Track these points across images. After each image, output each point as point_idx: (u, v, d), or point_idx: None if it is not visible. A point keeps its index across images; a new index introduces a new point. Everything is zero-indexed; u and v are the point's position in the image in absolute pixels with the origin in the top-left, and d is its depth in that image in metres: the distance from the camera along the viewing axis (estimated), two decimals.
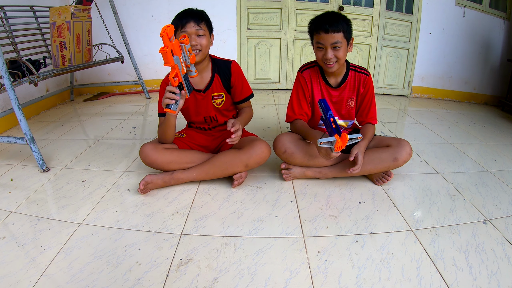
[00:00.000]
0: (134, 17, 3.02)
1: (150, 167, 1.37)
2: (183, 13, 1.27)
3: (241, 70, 1.44)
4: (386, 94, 3.33)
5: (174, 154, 1.34)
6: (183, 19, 1.25)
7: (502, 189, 1.44)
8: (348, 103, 1.45)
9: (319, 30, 1.28)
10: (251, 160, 1.31)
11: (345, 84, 1.42)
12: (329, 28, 1.25)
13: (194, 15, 1.27)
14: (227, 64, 1.41)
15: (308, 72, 1.43)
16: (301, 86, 1.43)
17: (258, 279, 0.89)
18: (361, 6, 3.08)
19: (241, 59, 3.22)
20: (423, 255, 0.99)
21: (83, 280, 0.88)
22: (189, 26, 1.24)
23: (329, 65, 1.31)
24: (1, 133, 2.08)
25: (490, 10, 3.10)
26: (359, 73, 1.42)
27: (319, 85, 1.43)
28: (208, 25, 1.32)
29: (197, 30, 1.26)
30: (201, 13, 1.30)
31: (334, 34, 1.25)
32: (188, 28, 1.24)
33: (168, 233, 1.08)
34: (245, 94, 1.45)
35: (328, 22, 1.25)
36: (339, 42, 1.26)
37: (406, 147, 1.34)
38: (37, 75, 1.78)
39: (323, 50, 1.30)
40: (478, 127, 2.41)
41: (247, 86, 1.46)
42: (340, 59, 1.30)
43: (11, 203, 1.25)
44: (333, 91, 1.43)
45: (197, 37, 1.26)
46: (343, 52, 1.29)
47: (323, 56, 1.30)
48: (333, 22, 1.25)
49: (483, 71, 3.25)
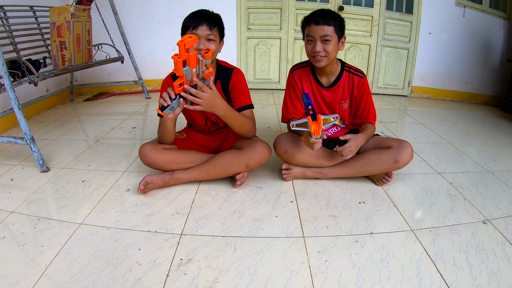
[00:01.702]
0: (134, 17, 3.02)
1: (150, 167, 1.37)
2: (198, 13, 1.22)
3: (243, 78, 1.37)
4: (386, 94, 3.33)
5: (173, 154, 1.34)
6: (197, 20, 1.20)
7: (502, 189, 1.44)
8: (342, 105, 1.43)
9: (310, 22, 1.27)
10: (251, 161, 1.30)
11: (338, 85, 1.39)
12: (320, 20, 1.24)
13: (208, 18, 1.21)
14: (229, 71, 1.36)
15: (298, 72, 1.42)
16: (292, 86, 1.42)
17: (258, 279, 0.89)
18: (361, 6, 3.08)
19: (241, 59, 3.23)
20: (423, 255, 0.99)
21: (83, 280, 0.88)
22: (201, 29, 1.19)
23: (318, 59, 1.28)
24: (1, 133, 2.08)
25: (490, 10, 3.10)
26: (354, 74, 1.38)
27: (310, 84, 1.41)
28: (221, 31, 1.26)
29: (208, 35, 1.20)
30: (216, 18, 1.24)
31: (324, 27, 1.24)
32: (199, 31, 1.19)
33: (168, 233, 1.08)
34: (242, 102, 1.34)
35: (319, 15, 1.25)
36: (328, 35, 1.24)
37: (407, 149, 1.33)
38: (37, 75, 1.78)
39: (313, 43, 1.28)
40: (478, 127, 2.41)
41: (245, 95, 1.36)
42: (329, 54, 1.27)
43: (11, 203, 1.25)
44: (325, 91, 1.41)
45: (206, 41, 1.21)
46: (332, 47, 1.27)
47: (312, 49, 1.28)
48: (324, 15, 1.25)
49: (483, 71, 3.25)
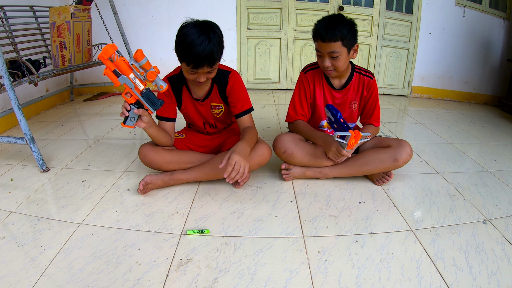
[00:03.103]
0: (134, 17, 3.02)
1: (149, 167, 1.37)
2: (198, 52, 1.09)
3: (240, 82, 1.34)
4: (386, 94, 3.33)
5: (172, 154, 1.33)
6: (198, 63, 1.11)
7: (502, 189, 1.43)
8: (351, 106, 1.44)
9: (316, 37, 1.24)
10: (251, 162, 1.28)
11: (348, 87, 1.40)
12: (325, 36, 1.19)
13: (209, 60, 1.12)
14: (225, 75, 1.32)
15: (312, 73, 1.41)
16: (303, 87, 1.41)
17: (258, 279, 0.89)
18: (361, 6, 3.08)
19: (241, 59, 3.23)
20: (423, 255, 0.99)
21: (83, 280, 0.88)
22: (201, 69, 1.14)
23: (328, 72, 1.30)
24: (1, 133, 2.08)
25: (490, 10, 3.10)
26: (364, 75, 1.39)
27: (322, 87, 1.41)
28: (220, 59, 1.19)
29: (208, 71, 1.17)
30: (217, 56, 1.14)
31: (331, 44, 1.20)
32: (200, 70, 1.14)
33: (168, 233, 1.08)
34: (242, 107, 1.32)
35: (325, 29, 1.19)
36: (336, 52, 1.21)
37: (406, 147, 1.34)
38: (37, 75, 1.78)
39: (322, 57, 1.27)
40: (478, 127, 2.41)
41: (244, 99, 1.33)
42: (338, 68, 1.26)
43: (11, 203, 1.25)
44: (336, 93, 1.41)
45: (207, 74, 1.18)
46: (342, 61, 1.24)
47: (321, 64, 1.29)
48: (329, 30, 1.18)
49: (483, 71, 3.25)
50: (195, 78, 1.18)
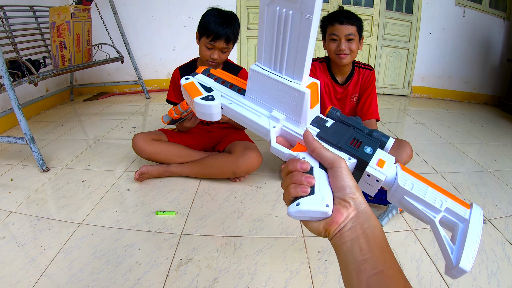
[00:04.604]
0: (134, 17, 3.02)
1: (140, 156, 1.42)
2: (219, 26, 1.26)
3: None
4: (386, 94, 3.33)
5: (161, 146, 1.39)
6: (216, 34, 1.26)
7: (502, 189, 1.43)
8: (352, 99, 1.49)
9: (334, 21, 1.33)
10: (238, 170, 1.34)
11: (350, 81, 1.46)
12: (344, 19, 1.31)
13: (227, 35, 1.27)
14: (236, 69, 1.44)
15: (317, 64, 1.47)
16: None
17: (258, 279, 0.89)
18: (361, 6, 3.08)
19: (241, 59, 3.22)
20: (423, 255, 0.99)
21: (83, 280, 0.88)
22: (218, 43, 1.28)
23: (342, 56, 1.33)
24: (1, 133, 2.08)
25: (490, 10, 3.09)
26: (363, 69, 1.46)
27: (326, 79, 1.46)
28: (235, 41, 1.34)
29: (223, 48, 1.30)
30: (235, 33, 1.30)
31: (349, 26, 1.31)
32: (216, 44, 1.28)
33: (168, 233, 1.08)
34: None
35: (344, 15, 1.32)
36: (352, 34, 1.31)
37: (407, 148, 1.34)
38: (37, 75, 1.78)
39: (337, 41, 1.33)
40: (478, 127, 2.41)
41: None
42: (353, 52, 1.34)
43: (11, 203, 1.25)
44: (338, 88, 1.47)
45: (221, 52, 1.31)
46: (356, 45, 1.33)
47: (336, 47, 1.33)
48: (348, 15, 1.32)
49: (483, 71, 3.25)
50: (210, 54, 1.30)
